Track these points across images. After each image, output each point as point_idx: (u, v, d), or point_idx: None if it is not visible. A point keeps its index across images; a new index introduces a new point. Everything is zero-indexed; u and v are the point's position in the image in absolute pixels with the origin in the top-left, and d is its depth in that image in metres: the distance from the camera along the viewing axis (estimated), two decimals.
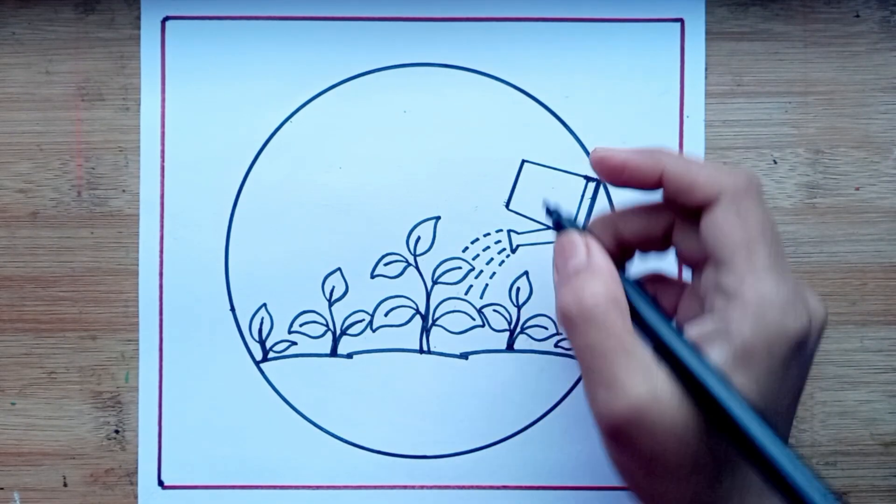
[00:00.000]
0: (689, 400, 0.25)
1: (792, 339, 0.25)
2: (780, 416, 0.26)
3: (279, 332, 0.37)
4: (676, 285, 0.31)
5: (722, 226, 0.26)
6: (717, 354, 0.25)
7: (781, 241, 0.26)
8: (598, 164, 0.28)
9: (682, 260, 0.29)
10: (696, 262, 0.28)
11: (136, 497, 0.37)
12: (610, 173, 0.28)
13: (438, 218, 0.36)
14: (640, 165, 0.28)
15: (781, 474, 0.23)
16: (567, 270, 0.27)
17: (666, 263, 0.33)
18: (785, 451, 0.23)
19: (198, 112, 0.36)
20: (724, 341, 0.25)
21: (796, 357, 0.25)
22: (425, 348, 0.37)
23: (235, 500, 0.36)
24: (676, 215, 0.29)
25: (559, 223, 0.30)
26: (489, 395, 0.36)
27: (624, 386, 0.24)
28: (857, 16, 0.36)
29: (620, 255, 0.30)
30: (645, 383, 0.24)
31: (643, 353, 0.25)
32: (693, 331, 0.26)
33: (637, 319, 0.27)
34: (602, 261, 0.27)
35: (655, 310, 0.27)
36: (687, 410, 0.24)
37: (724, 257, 0.26)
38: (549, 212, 0.31)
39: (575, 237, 0.28)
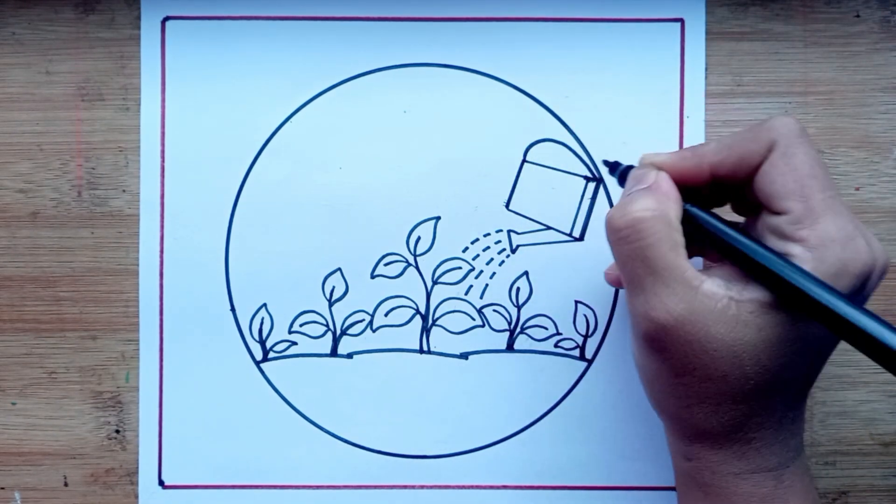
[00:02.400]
0: (734, 328, 0.26)
1: (853, 274, 0.25)
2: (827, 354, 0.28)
3: (279, 332, 0.37)
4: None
5: (774, 176, 0.27)
6: None
7: (832, 181, 0.27)
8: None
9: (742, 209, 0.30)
10: (753, 208, 0.29)
11: (136, 497, 0.37)
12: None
13: (438, 218, 0.36)
14: (687, 168, 0.29)
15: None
16: (631, 190, 0.29)
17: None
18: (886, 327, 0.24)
19: (198, 112, 0.36)
20: None
21: (859, 293, 0.26)
22: (425, 348, 0.37)
23: (235, 500, 0.36)
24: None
25: (624, 170, 0.31)
26: (489, 395, 0.36)
27: (663, 297, 0.26)
28: (857, 16, 0.36)
29: (706, 190, 0.30)
30: (684, 299, 0.26)
31: (686, 270, 0.26)
32: None
33: (717, 243, 0.27)
34: (665, 184, 0.28)
35: (735, 231, 0.27)
36: (728, 335, 0.26)
37: (779, 205, 0.26)
38: (611, 166, 0.32)
39: (647, 167, 0.29)
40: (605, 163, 0.33)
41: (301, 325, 0.37)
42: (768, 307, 0.26)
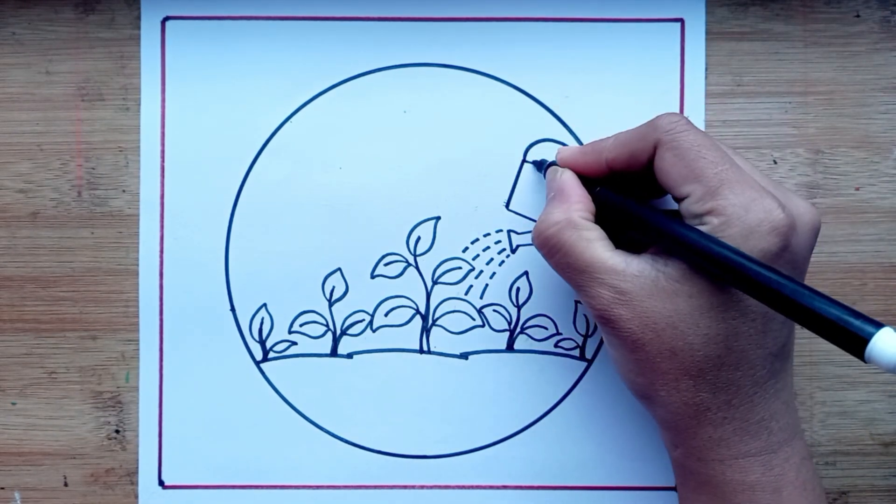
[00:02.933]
0: (667, 298, 0.27)
1: (765, 232, 0.26)
2: (777, 319, 0.28)
3: (279, 332, 0.37)
4: None
5: (665, 169, 0.29)
6: None
7: (726, 156, 0.28)
8: (560, 164, 0.33)
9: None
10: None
11: (136, 497, 0.37)
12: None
13: (438, 218, 0.36)
14: (588, 163, 0.32)
15: (825, 318, 0.23)
16: (547, 198, 0.33)
17: None
18: (814, 294, 0.24)
19: (198, 112, 0.36)
20: None
21: (781, 256, 0.27)
22: (425, 348, 0.37)
23: (235, 500, 0.36)
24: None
25: (547, 167, 0.34)
26: (489, 395, 0.36)
27: (595, 289, 0.29)
28: (857, 16, 0.36)
29: (613, 173, 0.32)
30: (613, 285, 0.28)
31: (608, 260, 0.29)
32: None
33: (631, 220, 0.30)
34: (568, 186, 0.31)
35: (642, 205, 0.30)
36: (663, 307, 0.27)
37: (680, 192, 0.28)
38: (538, 165, 0.35)
39: (552, 170, 0.33)
40: (534, 163, 0.36)
41: (301, 325, 0.37)
42: (691, 273, 0.27)
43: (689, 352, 0.27)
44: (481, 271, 0.37)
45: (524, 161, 0.36)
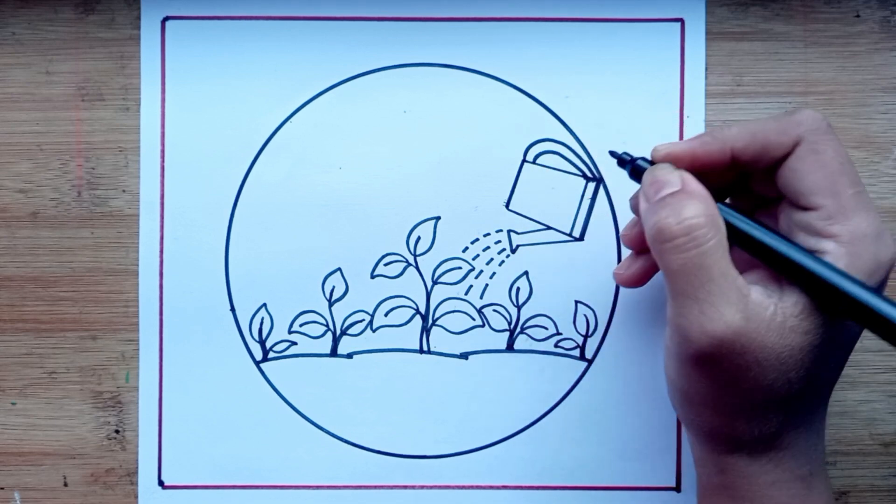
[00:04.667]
0: (783, 335, 0.25)
1: (885, 268, 0.26)
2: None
3: (279, 332, 0.37)
4: None
5: (802, 172, 0.26)
6: None
7: (859, 176, 0.26)
8: (665, 160, 0.29)
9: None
10: (770, 201, 0.29)
11: (136, 497, 0.37)
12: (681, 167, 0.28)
13: (438, 218, 0.36)
14: (710, 153, 0.28)
15: None
16: (662, 195, 0.27)
17: None
18: None
19: (198, 112, 0.36)
20: None
21: (885, 285, 0.26)
22: (425, 348, 0.37)
23: (235, 500, 0.36)
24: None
25: (637, 166, 0.30)
26: (489, 395, 0.36)
27: (720, 308, 0.25)
28: (857, 16, 0.36)
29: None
30: (740, 309, 0.25)
31: (737, 277, 0.25)
32: None
33: (749, 244, 0.27)
34: (698, 186, 0.27)
35: (770, 231, 0.27)
36: (777, 343, 0.25)
37: (809, 201, 0.26)
38: (620, 159, 0.31)
39: (668, 168, 0.28)
40: (613, 154, 0.32)
41: (301, 325, 0.37)
42: (811, 310, 0.25)
43: (786, 385, 0.26)
44: (481, 271, 0.37)
45: (524, 161, 0.36)
